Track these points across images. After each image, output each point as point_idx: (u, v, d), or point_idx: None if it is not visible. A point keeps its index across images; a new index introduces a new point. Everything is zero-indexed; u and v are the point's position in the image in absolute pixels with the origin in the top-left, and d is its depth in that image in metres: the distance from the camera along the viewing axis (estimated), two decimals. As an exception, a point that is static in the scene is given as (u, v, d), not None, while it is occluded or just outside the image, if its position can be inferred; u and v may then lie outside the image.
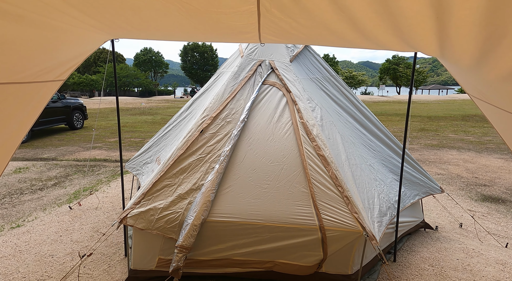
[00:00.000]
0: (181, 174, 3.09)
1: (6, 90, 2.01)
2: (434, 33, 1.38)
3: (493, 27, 1.07)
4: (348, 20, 1.49)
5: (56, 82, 2.49)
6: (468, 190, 6.42)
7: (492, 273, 3.24)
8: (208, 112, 3.41)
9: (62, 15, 1.69)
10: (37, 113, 2.50)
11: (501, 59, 1.23)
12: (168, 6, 1.67)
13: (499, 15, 0.99)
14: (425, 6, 1.16)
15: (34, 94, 2.35)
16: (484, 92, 1.82)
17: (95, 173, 7.61)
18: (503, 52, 1.18)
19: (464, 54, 1.48)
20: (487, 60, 1.36)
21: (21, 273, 3.15)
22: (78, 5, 1.58)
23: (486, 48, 1.24)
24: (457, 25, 1.18)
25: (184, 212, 2.87)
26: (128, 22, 2.02)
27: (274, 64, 3.71)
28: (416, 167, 4.13)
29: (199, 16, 1.78)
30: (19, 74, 2.01)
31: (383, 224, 3.03)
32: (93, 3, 1.59)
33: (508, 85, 1.41)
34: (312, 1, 1.31)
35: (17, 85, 2.08)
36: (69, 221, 4.39)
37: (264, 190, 2.95)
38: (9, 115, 2.24)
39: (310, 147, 3.12)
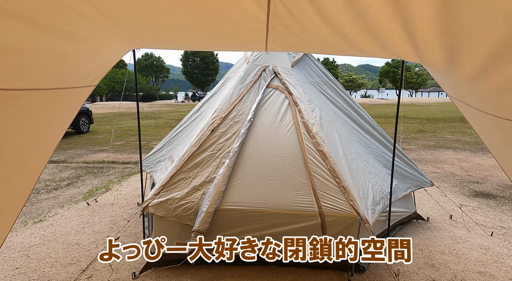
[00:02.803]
0: (195, 168, 3.46)
1: (50, 95, 2.39)
2: (408, 43, 1.74)
3: (452, 34, 1.41)
4: (340, 35, 1.86)
5: (89, 87, 2.87)
6: (461, 187, 6.76)
7: (475, 256, 3.60)
8: (218, 113, 3.78)
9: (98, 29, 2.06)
10: (73, 115, 2.87)
11: (465, 64, 1.58)
12: (191, 23, 2.04)
13: (454, 23, 1.32)
14: (397, 27, 1.52)
15: (72, 98, 2.73)
16: (460, 93, 2.18)
17: (105, 174, 7.97)
18: (465, 58, 1.52)
19: (437, 61, 1.83)
20: (455, 66, 1.72)
21: (52, 258, 3.51)
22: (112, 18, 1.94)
23: (451, 55, 1.59)
24: (423, 37, 1.53)
25: (199, 202, 3.24)
26: (151, 34, 2.39)
27: (277, 69, 4.09)
28: (408, 163, 4.49)
29: (217, 32, 2.15)
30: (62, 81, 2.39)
31: (376, 211, 3.39)
32: (123, 17, 1.94)
33: (476, 87, 1.77)
34: (311, 22, 1.69)
35: (59, 90, 2.45)
36: (88, 215, 4.75)
37: (270, 182, 3.31)
38: (51, 117, 2.62)
39: (310, 143, 3.49)
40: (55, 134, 2.75)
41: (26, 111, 2.22)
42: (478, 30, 1.20)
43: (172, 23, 2.15)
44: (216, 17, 1.88)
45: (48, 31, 1.72)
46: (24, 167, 2.55)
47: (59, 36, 1.88)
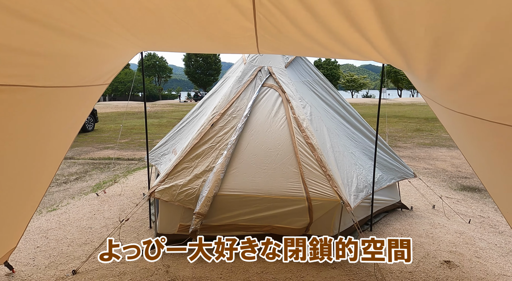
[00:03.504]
0: (196, 159, 3.85)
1: (71, 92, 2.79)
2: (399, 56, 2.09)
3: (433, 51, 1.76)
4: (315, 42, 2.24)
5: (104, 85, 3.27)
6: (450, 181, 7.12)
7: (449, 238, 3.97)
8: (217, 109, 4.18)
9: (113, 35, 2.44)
10: (90, 109, 3.28)
11: (442, 75, 1.93)
12: (192, 30, 2.43)
13: (438, 41, 1.65)
14: (385, 40, 1.87)
15: (88, 94, 3.13)
16: (435, 97, 2.55)
17: (110, 169, 8.37)
18: (443, 71, 1.87)
19: (418, 70, 2.20)
20: (432, 77, 2.08)
21: (69, 239, 3.91)
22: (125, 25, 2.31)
23: (430, 67, 1.96)
24: (414, 41, 1.88)
25: (200, 188, 3.63)
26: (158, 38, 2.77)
27: (271, 69, 4.48)
28: (393, 156, 4.86)
29: (214, 38, 2.55)
30: (81, 80, 2.79)
31: (359, 197, 3.77)
32: (134, 24, 2.31)
33: (452, 93, 2.14)
34: (290, 32, 2.07)
35: (78, 88, 2.85)
36: (98, 204, 5.16)
37: (263, 171, 3.70)
38: (71, 111, 3.02)
39: (301, 136, 3.87)
40: (74, 127, 3.16)
41: (52, 105, 2.64)
42: (453, 44, 1.54)
43: (175, 30, 2.54)
44: (213, 26, 2.27)
45: (70, 37, 2.12)
46: (48, 155, 2.96)
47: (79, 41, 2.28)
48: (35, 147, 2.64)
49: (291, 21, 1.88)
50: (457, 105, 2.31)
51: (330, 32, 1.91)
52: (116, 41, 2.64)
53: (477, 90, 1.86)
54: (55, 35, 1.98)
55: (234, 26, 2.12)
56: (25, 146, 2.52)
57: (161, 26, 2.40)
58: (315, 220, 3.52)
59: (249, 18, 1.98)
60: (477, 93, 1.88)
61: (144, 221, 4.41)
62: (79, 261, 3.37)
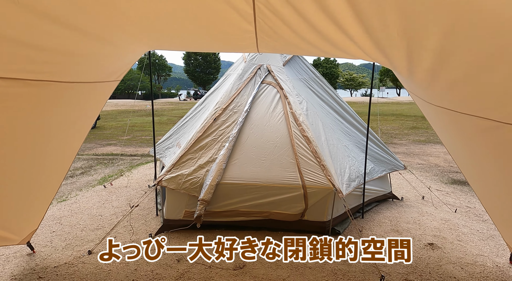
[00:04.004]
0: (200, 150, 4.14)
1: (87, 87, 3.08)
2: (382, 56, 2.38)
3: (407, 52, 2.04)
4: (310, 45, 2.54)
5: (115, 82, 3.55)
6: (441, 176, 7.42)
7: (435, 225, 4.27)
8: (219, 105, 4.47)
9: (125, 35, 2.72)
10: (103, 103, 3.56)
11: (419, 69, 2.21)
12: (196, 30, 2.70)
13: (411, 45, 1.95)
14: (368, 42, 2.17)
15: (102, 90, 3.42)
16: (418, 92, 2.84)
17: (114, 165, 8.65)
18: (417, 63, 2.16)
19: (400, 68, 2.49)
20: (411, 74, 2.37)
21: (81, 224, 4.20)
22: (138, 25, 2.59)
23: (408, 65, 2.24)
24: (390, 42, 2.16)
25: (204, 177, 3.92)
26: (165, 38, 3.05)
27: (270, 67, 4.77)
28: (384, 149, 5.16)
29: (217, 38, 2.84)
30: (96, 76, 3.08)
31: (351, 186, 4.07)
32: (147, 24, 2.58)
33: (428, 87, 2.43)
34: (286, 34, 2.37)
35: (94, 83, 3.14)
36: (106, 195, 5.45)
37: (262, 161, 4.00)
38: (88, 104, 3.31)
39: (297, 130, 4.17)
40: (89, 119, 3.46)
41: (72, 99, 2.94)
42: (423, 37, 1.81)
43: (182, 32, 2.83)
44: (217, 29, 2.56)
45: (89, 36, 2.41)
46: (66, 143, 3.25)
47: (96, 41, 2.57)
48: (57, 135, 2.93)
49: (286, 24, 2.18)
50: (434, 99, 2.62)
51: (320, 34, 2.21)
52: (128, 40, 2.92)
53: (445, 86, 2.16)
54: (76, 35, 2.26)
55: (236, 28, 2.41)
56: (48, 134, 2.81)
57: (170, 28, 2.68)
58: (310, 206, 3.82)
59: (250, 22, 2.27)
60: (446, 88, 2.18)
61: (150, 210, 4.71)
62: (92, 244, 3.66)
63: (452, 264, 3.31)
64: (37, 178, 2.95)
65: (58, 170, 3.19)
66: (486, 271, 3.20)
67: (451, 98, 2.32)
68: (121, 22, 2.41)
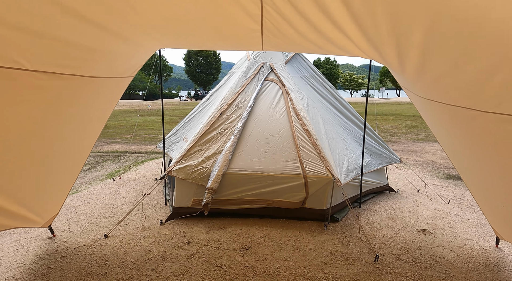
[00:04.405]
0: (207, 143, 4.41)
1: (108, 82, 3.34)
2: (377, 53, 2.65)
3: (397, 50, 2.31)
4: (311, 43, 2.80)
5: (130, 77, 3.82)
6: (438, 171, 7.68)
7: (428, 214, 4.53)
8: (225, 100, 4.73)
9: (145, 35, 2.99)
10: (119, 97, 3.83)
11: (408, 65, 2.47)
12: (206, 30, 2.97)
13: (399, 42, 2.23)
14: (363, 40, 2.43)
15: (120, 84, 3.68)
16: (408, 85, 3.10)
17: (120, 161, 8.90)
18: (407, 60, 2.42)
19: (393, 65, 2.75)
20: (403, 70, 2.63)
21: (95, 213, 4.46)
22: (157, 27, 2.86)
23: (399, 61, 2.50)
24: (382, 40, 2.43)
25: (211, 168, 4.18)
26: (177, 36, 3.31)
27: (273, 65, 5.03)
28: (381, 144, 5.42)
29: (225, 37, 3.10)
30: (115, 72, 3.34)
31: (349, 176, 4.33)
32: (166, 25, 2.85)
33: (417, 81, 2.69)
34: (289, 34, 2.63)
35: (113, 79, 3.40)
36: (116, 187, 5.71)
37: (266, 153, 4.26)
38: (108, 97, 3.57)
39: (298, 124, 4.43)
40: (108, 111, 3.72)
41: (95, 92, 3.20)
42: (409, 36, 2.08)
43: (193, 30, 3.09)
44: (227, 28, 2.83)
45: (114, 35, 2.68)
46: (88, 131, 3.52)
47: (120, 39, 2.84)
48: (81, 123, 3.20)
49: (290, 24, 2.44)
50: (423, 93, 2.88)
51: (320, 33, 2.47)
52: (144, 38, 3.19)
53: (431, 80, 2.43)
54: (100, 33, 2.53)
55: (245, 27, 2.67)
56: (74, 122, 3.08)
57: (183, 27, 2.95)
58: (311, 194, 4.08)
59: (257, 22, 2.54)
60: (432, 82, 2.45)
61: (159, 200, 4.97)
62: (107, 229, 3.92)
63: (442, 247, 3.57)
64: (60, 164, 3.22)
65: (78, 157, 3.45)
66: (473, 253, 3.46)
67: (437, 90, 2.59)
68: (140, 21, 2.67)
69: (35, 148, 2.78)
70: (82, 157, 3.50)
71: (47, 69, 2.27)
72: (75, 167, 3.48)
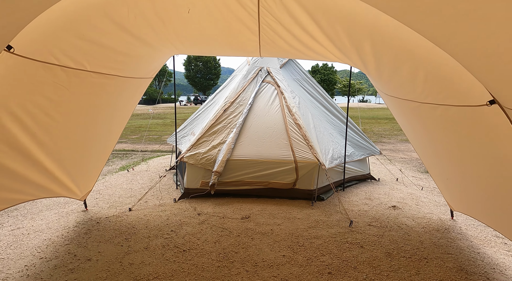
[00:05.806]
0: (213, 134, 5.20)
1: (135, 81, 4.12)
2: (347, 59, 3.46)
3: (374, 58, 3.12)
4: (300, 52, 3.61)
5: (150, 79, 4.61)
6: (419, 167, 8.46)
7: (401, 196, 5.32)
8: (228, 99, 5.54)
9: (167, 43, 3.79)
10: (140, 95, 4.61)
11: (382, 72, 3.28)
12: (219, 40, 3.77)
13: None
14: (337, 51, 3.25)
15: (142, 84, 4.46)
16: (382, 87, 3.89)
17: (129, 158, 9.66)
18: (382, 69, 3.23)
19: (372, 71, 3.55)
20: (380, 75, 3.43)
21: (117, 194, 5.23)
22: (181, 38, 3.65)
23: (375, 67, 3.31)
24: (347, 49, 3.25)
25: (216, 155, 4.97)
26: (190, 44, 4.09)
27: (269, 69, 5.85)
28: (363, 137, 6.23)
29: (229, 45, 3.90)
30: (140, 73, 4.11)
31: (333, 163, 5.13)
32: (186, 36, 3.64)
33: (379, 83, 3.49)
34: (282, 44, 3.44)
35: (138, 79, 4.17)
36: (131, 176, 6.48)
37: (263, 142, 5.05)
38: (134, 94, 4.34)
39: (291, 119, 5.23)
40: (132, 106, 4.49)
41: (124, 89, 3.99)
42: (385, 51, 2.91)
43: (206, 40, 3.88)
44: (234, 39, 3.63)
45: (144, 43, 3.47)
46: (117, 122, 4.29)
47: (147, 46, 3.63)
48: (112, 115, 3.99)
49: (280, 37, 3.25)
50: (386, 90, 3.69)
51: (302, 43, 3.29)
52: (167, 46, 3.98)
53: (386, 80, 3.23)
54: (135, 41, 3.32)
55: (246, 38, 3.48)
56: (107, 113, 3.87)
57: (202, 39, 3.75)
58: (300, 177, 4.87)
59: (256, 35, 3.35)
60: (387, 81, 3.25)
61: (171, 185, 5.75)
62: (130, 205, 4.69)
63: (406, 218, 4.35)
64: (97, 146, 4.00)
65: (109, 142, 4.24)
66: (430, 221, 4.25)
67: (391, 88, 3.40)
68: (166, 33, 3.47)
69: (84, 130, 3.57)
70: (111, 143, 4.28)
71: (99, 70, 3.08)
72: (107, 149, 4.26)
